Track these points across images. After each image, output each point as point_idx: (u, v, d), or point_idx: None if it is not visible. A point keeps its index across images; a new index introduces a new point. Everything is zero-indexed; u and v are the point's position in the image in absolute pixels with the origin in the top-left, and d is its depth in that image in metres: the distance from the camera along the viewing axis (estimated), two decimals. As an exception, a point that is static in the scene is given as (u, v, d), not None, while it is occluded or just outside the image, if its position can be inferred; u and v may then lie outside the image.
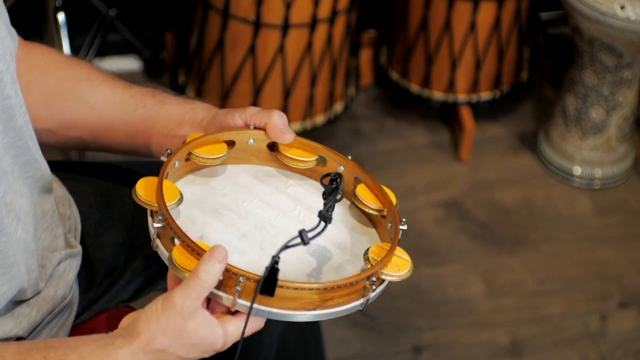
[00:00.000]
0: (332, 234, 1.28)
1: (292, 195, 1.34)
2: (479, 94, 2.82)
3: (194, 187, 1.33)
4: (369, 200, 1.32)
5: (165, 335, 1.14)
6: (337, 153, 1.35)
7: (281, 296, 1.15)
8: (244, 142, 1.35)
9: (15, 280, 1.26)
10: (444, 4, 2.69)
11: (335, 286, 1.16)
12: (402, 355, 2.32)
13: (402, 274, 1.22)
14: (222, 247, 1.14)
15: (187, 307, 1.14)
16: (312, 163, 1.36)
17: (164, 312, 1.14)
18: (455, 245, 2.57)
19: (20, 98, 1.27)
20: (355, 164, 1.34)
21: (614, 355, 2.36)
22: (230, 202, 1.30)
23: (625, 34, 2.49)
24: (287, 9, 2.48)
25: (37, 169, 1.32)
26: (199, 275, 1.13)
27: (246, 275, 1.14)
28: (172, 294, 1.14)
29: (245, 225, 1.27)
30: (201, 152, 1.32)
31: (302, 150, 1.36)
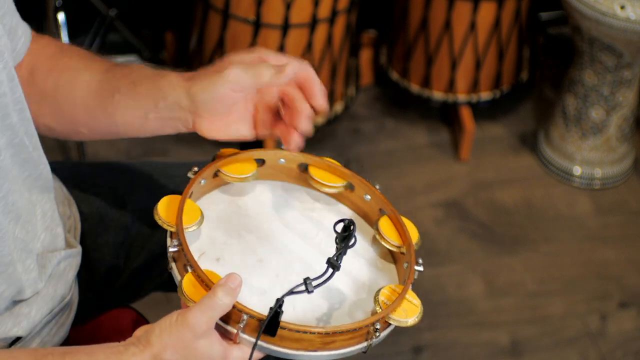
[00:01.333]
0: (350, 265, 1.27)
1: (317, 220, 1.33)
2: (479, 94, 2.82)
3: (219, 205, 1.33)
4: (390, 236, 1.30)
5: (175, 349, 1.16)
6: (365, 182, 1.34)
7: (283, 336, 1.16)
8: (274, 161, 1.35)
9: (12, 279, 1.26)
10: (444, 4, 2.69)
11: (338, 332, 1.17)
12: (402, 355, 2.32)
13: (409, 320, 1.21)
14: (237, 275, 1.16)
15: (199, 326, 1.15)
16: (339, 188, 1.35)
17: (177, 327, 1.16)
18: (455, 245, 2.57)
19: (17, 95, 1.27)
20: (382, 195, 1.32)
21: (614, 355, 2.36)
22: (252, 224, 1.29)
23: (625, 34, 2.49)
24: (287, 9, 2.48)
25: (34, 167, 1.31)
26: (217, 296, 1.15)
27: (250, 313, 1.16)
28: (188, 311, 1.15)
29: (263, 249, 1.26)
30: (229, 170, 1.31)
31: (332, 174, 1.35)
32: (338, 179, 1.35)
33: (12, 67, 1.26)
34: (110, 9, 2.82)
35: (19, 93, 1.27)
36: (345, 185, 1.35)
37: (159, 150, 2.73)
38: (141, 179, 1.57)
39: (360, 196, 1.34)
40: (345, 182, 1.35)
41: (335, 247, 1.20)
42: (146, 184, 1.56)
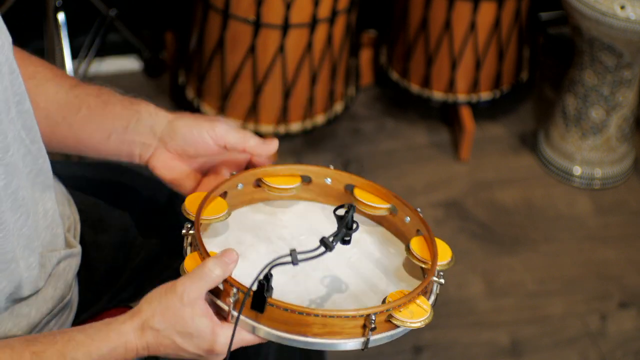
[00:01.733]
0: (371, 279, 1.26)
1: (355, 239, 1.31)
2: (479, 94, 2.82)
3: (258, 215, 1.33)
4: (421, 254, 1.29)
5: (163, 317, 1.17)
6: (407, 204, 1.33)
7: (271, 316, 1.15)
8: (320, 179, 1.35)
9: (14, 276, 1.26)
10: (444, 4, 2.69)
11: (329, 315, 1.14)
12: (402, 355, 2.32)
13: (412, 322, 1.18)
14: (234, 251, 1.18)
15: (187, 294, 1.16)
16: (384, 211, 1.34)
17: (166, 294, 1.17)
18: (455, 245, 2.56)
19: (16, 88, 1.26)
20: (421, 217, 1.31)
21: (614, 355, 2.36)
22: (287, 234, 1.29)
23: (625, 34, 2.49)
24: (287, 9, 2.48)
25: (34, 162, 1.31)
26: (207, 267, 1.16)
27: (240, 287, 1.15)
28: (178, 280, 1.17)
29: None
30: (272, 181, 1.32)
31: (376, 196, 1.35)
32: (383, 202, 1.34)
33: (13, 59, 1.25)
34: (110, 9, 2.82)
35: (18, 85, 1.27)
36: (390, 208, 1.34)
37: (159, 150, 2.73)
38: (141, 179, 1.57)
39: (401, 219, 1.34)
40: (390, 205, 1.34)
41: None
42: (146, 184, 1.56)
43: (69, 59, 2.71)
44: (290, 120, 2.65)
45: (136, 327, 1.18)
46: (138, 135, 1.36)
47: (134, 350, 1.19)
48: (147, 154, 1.37)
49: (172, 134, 1.35)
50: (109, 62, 2.95)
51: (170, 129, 1.35)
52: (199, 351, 1.18)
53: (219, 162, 1.38)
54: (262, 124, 2.64)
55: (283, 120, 2.64)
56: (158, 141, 1.36)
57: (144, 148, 1.37)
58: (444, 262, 1.27)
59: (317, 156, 2.76)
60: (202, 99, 2.68)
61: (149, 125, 1.36)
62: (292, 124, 2.65)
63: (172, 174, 1.37)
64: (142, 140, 1.36)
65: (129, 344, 1.18)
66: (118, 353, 1.18)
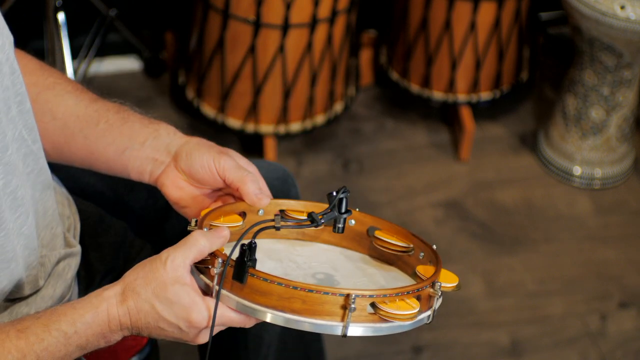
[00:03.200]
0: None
1: (368, 274, 1.32)
2: (479, 94, 2.82)
3: (277, 244, 1.33)
4: (424, 273, 1.28)
5: (144, 280, 1.18)
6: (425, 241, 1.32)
7: (252, 287, 1.15)
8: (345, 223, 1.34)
9: (14, 276, 1.26)
10: (444, 4, 2.69)
11: (307, 289, 1.13)
12: (402, 355, 2.32)
13: (399, 313, 1.16)
14: (227, 229, 1.19)
15: (171, 259, 1.17)
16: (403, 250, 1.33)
17: (150, 260, 1.19)
18: (455, 245, 2.57)
19: (18, 87, 1.27)
20: (435, 251, 1.30)
21: (614, 355, 2.36)
22: (301, 260, 1.29)
23: (625, 34, 2.49)
24: (287, 9, 2.48)
25: (35, 162, 1.32)
26: (194, 237, 1.18)
27: (223, 258, 1.16)
28: (164, 250, 1.19)
29: (297, 271, 1.25)
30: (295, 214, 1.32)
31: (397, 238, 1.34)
32: (404, 241, 1.34)
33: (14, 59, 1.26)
34: (110, 9, 2.82)
35: (20, 85, 1.27)
36: (409, 248, 1.34)
37: (159, 150, 2.72)
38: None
39: (416, 256, 1.33)
40: (410, 245, 1.33)
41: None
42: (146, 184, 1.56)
43: (69, 59, 2.71)
44: (290, 120, 2.65)
45: (118, 291, 1.19)
46: (153, 151, 1.37)
47: (116, 317, 1.19)
48: (157, 171, 1.37)
49: (183, 154, 1.35)
50: (109, 62, 2.95)
51: (183, 149, 1.36)
52: (178, 321, 1.18)
53: (220, 197, 1.38)
54: (262, 124, 2.64)
55: (283, 120, 2.64)
56: (171, 159, 1.36)
57: (156, 165, 1.37)
58: (448, 284, 1.25)
59: (317, 156, 2.76)
60: (202, 99, 2.68)
61: (165, 143, 1.37)
62: (292, 124, 2.65)
63: (179, 194, 1.37)
64: (156, 157, 1.37)
65: (110, 309, 1.18)
66: (101, 319, 1.19)
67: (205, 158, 1.33)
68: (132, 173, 1.39)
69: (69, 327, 1.18)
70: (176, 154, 1.36)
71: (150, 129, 1.39)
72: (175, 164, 1.36)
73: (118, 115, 1.40)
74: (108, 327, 1.19)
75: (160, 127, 1.39)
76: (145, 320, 1.18)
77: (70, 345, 1.18)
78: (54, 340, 1.18)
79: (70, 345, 1.18)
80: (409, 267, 1.34)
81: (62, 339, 1.18)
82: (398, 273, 1.34)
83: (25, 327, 1.18)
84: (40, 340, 1.17)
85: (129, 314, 1.18)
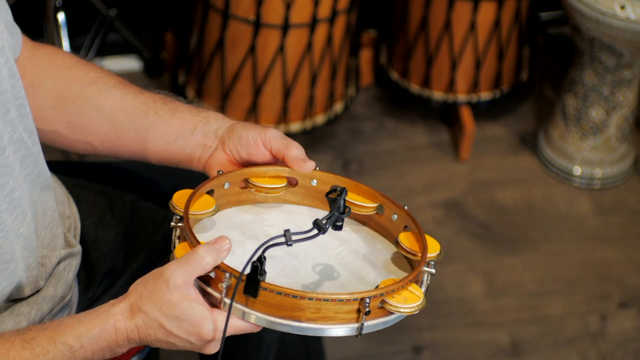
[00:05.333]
0: (360, 272, 1.25)
1: (342, 238, 1.32)
2: (479, 94, 2.82)
3: (244, 215, 1.33)
4: (409, 245, 1.28)
5: (149, 300, 1.17)
6: (394, 202, 1.33)
7: (264, 301, 1.15)
8: (306, 182, 1.36)
9: (13, 277, 1.26)
10: (444, 4, 2.69)
11: (323, 299, 1.14)
12: (402, 355, 2.32)
13: (405, 307, 1.18)
14: (228, 239, 1.18)
15: (174, 278, 1.16)
16: (371, 211, 1.34)
17: (152, 277, 1.18)
18: (455, 245, 2.57)
19: (18, 91, 1.27)
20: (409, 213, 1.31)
21: (614, 355, 2.36)
22: (274, 232, 1.28)
23: (625, 34, 2.49)
24: (287, 9, 2.48)
25: (35, 164, 1.32)
26: (197, 253, 1.16)
27: (233, 273, 1.15)
28: (167, 265, 1.17)
29: (278, 250, 1.25)
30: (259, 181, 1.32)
31: (363, 197, 1.34)
32: (370, 201, 1.34)
33: (14, 63, 1.26)
34: (110, 9, 2.82)
35: (19, 89, 1.27)
36: (377, 207, 1.34)
37: (159, 150, 2.72)
38: (141, 179, 1.57)
39: (388, 217, 1.34)
40: (377, 204, 1.34)
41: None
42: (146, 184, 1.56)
43: (69, 59, 2.71)
44: (290, 120, 2.65)
45: (125, 308, 1.18)
46: (203, 137, 1.38)
47: (123, 333, 1.19)
48: (206, 155, 1.38)
49: (230, 134, 1.36)
50: (109, 62, 2.95)
51: (230, 130, 1.37)
52: (188, 336, 1.18)
53: None
54: (262, 124, 2.64)
55: (283, 120, 2.64)
56: (219, 142, 1.37)
57: (205, 150, 1.38)
58: (432, 254, 1.27)
59: (317, 156, 2.76)
60: (202, 98, 2.68)
61: (214, 129, 1.39)
62: (292, 124, 2.65)
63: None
64: (205, 142, 1.38)
65: (118, 324, 1.18)
66: (108, 334, 1.18)
67: (252, 133, 1.35)
68: (183, 160, 1.40)
69: (75, 341, 1.18)
70: (222, 136, 1.37)
71: (200, 117, 1.40)
72: (222, 146, 1.37)
73: (166, 107, 1.41)
74: (115, 342, 1.19)
75: (209, 115, 1.40)
76: (155, 336, 1.19)
77: (75, 358, 1.18)
78: (59, 353, 1.18)
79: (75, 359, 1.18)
80: (381, 228, 1.35)
81: (68, 352, 1.18)
82: (371, 234, 1.35)
83: (31, 338, 1.18)
84: (45, 352, 1.17)
85: (137, 330, 1.18)
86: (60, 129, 1.42)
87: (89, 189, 1.54)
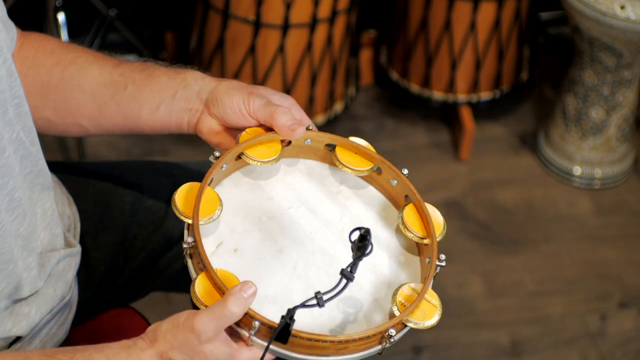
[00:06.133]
0: (372, 258, 1.23)
1: (342, 203, 1.31)
2: (479, 94, 2.82)
3: (241, 187, 1.30)
4: (414, 227, 1.27)
5: (179, 351, 1.16)
6: (392, 166, 1.31)
7: (295, 343, 1.15)
8: (300, 141, 1.32)
9: (12, 277, 1.26)
10: (444, 4, 2.69)
11: (351, 340, 1.15)
12: (402, 355, 2.32)
13: (427, 322, 1.19)
14: (252, 284, 1.15)
15: (205, 333, 1.14)
16: (366, 172, 1.32)
17: (183, 330, 1.16)
18: (455, 245, 2.57)
19: (16, 90, 1.27)
20: (408, 180, 1.30)
21: (614, 355, 2.36)
22: (275, 208, 1.27)
23: (625, 34, 2.49)
24: (287, 9, 2.48)
25: (34, 164, 1.31)
26: (227, 306, 1.14)
27: (262, 320, 1.14)
28: (197, 316, 1.15)
29: (283, 238, 1.24)
30: (254, 153, 1.28)
31: (360, 156, 1.33)
32: (365, 163, 1.32)
33: (12, 62, 1.26)
34: (110, 9, 2.82)
35: (17, 88, 1.27)
36: (372, 169, 1.32)
37: (159, 150, 2.73)
38: (141, 179, 1.57)
39: (387, 180, 1.32)
40: (372, 166, 1.32)
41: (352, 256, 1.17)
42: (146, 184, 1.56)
43: (69, 59, 2.71)
44: (290, 120, 2.65)
45: (154, 354, 1.16)
46: (186, 101, 1.35)
47: None
48: (194, 120, 1.36)
49: (214, 100, 1.34)
50: (109, 62, 2.95)
51: (214, 95, 1.34)
52: None
53: None
54: (262, 124, 2.64)
55: (283, 120, 2.64)
56: (204, 105, 1.35)
57: (192, 114, 1.35)
58: (438, 233, 1.26)
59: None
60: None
61: (196, 91, 1.36)
62: (292, 124, 2.65)
63: (218, 139, 1.35)
64: (190, 106, 1.35)
65: None
66: None
67: (236, 102, 1.32)
68: (172, 127, 1.38)
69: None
70: (207, 101, 1.34)
71: (178, 80, 1.37)
72: (208, 110, 1.34)
73: (143, 74, 1.39)
74: None
75: (188, 75, 1.37)
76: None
77: None
78: None
79: None
80: (377, 184, 1.33)
81: None
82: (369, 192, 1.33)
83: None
84: None
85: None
86: (49, 115, 1.41)
87: (89, 189, 1.54)
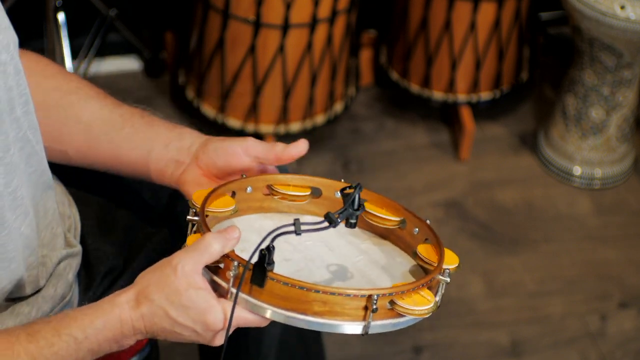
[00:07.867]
0: (379, 279, 1.24)
1: (363, 250, 1.31)
2: (479, 94, 2.82)
3: (266, 220, 1.33)
4: (427, 256, 1.28)
5: (157, 287, 1.17)
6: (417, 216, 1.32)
7: (271, 292, 1.14)
8: (331, 193, 1.34)
9: (15, 275, 1.26)
10: (444, 4, 2.69)
11: (329, 292, 1.13)
12: (402, 355, 2.32)
13: (417, 309, 1.17)
14: (238, 230, 1.17)
15: (182, 266, 1.16)
16: (394, 223, 1.33)
17: (160, 266, 1.18)
18: (455, 245, 2.57)
19: (22, 88, 1.27)
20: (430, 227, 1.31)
21: (614, 355, 2.36)
22: (293, 239, 1.27)
23: (625, 34, 2.49)
24: (287, 9, 2.48)
25: (39, 163, 1.32)
26: (205, 240, 1.16)
27: (240, 261, 1.14)
28: (176, 252, 1.17)
29: (295, 254, 1.24)
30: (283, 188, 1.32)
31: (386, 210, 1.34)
32: (393, 215, 1.33)
33: (19, 60, 1.26)
34: (110, 9, 2.82)
35: (24, 86, 1.27)
36: (400, 221, 1.33)
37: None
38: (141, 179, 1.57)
39: (409, 231, 1.33)
40: (400, 218, 1.33)
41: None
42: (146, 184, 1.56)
43: (69, 59, 2.71)
44: (290, 120, 2.65)
45: (130, 297, 1.18)
46: (177, 153, 1.39)
47: (128, 322, 1.18)
48: (178, 172, 1.39)
49: (204, 149, 1.37)
50: (109, 62, 2.95)
51: (204, 145, 1.37)
52: (195, 325, 1.17)
53: None
54: (262, 124, 2.64)
55: (283, 120, 2.64)
56: (192, 158, 1.38)
57: (178, 166, 1.39)
58: (450, 265, 1.26)
59: (317, 156, 2.76)
60: (202, 99, 2.68)
61: (187, 145, 1.39)
62: (292, 124, 2.65)
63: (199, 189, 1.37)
64: (179, 158, 1.39)
65: (123, 314, 1.18)
66: (113, 325, 1.18)
67: (228, 145, 1.36)
68: (153, 174, 1.41)
69: (79, 333, 1.18)
70: (197, 152, 1.37)
71: (175, 133, 1.40)
72: (196, 161, 1.37)
73: (143, 120, 1.42)
74: (121, 332, 1.19)
75: (184, 131, 1.41)
76: (161, 325, 1.18)
77: (80, 350, 1.18)
78: (64, 345, 1.18)
79: (80, 350, 1.18)
80: (402, 242, 1.34)
81: (73, 344, 1.18)
82: (392, 247, 1.34)
83: (35, 331, 1.18)
84: (50, 345, 1.17)
85: (142, 319, 1.18)
86: None
87: (89, 189, 1.54)
